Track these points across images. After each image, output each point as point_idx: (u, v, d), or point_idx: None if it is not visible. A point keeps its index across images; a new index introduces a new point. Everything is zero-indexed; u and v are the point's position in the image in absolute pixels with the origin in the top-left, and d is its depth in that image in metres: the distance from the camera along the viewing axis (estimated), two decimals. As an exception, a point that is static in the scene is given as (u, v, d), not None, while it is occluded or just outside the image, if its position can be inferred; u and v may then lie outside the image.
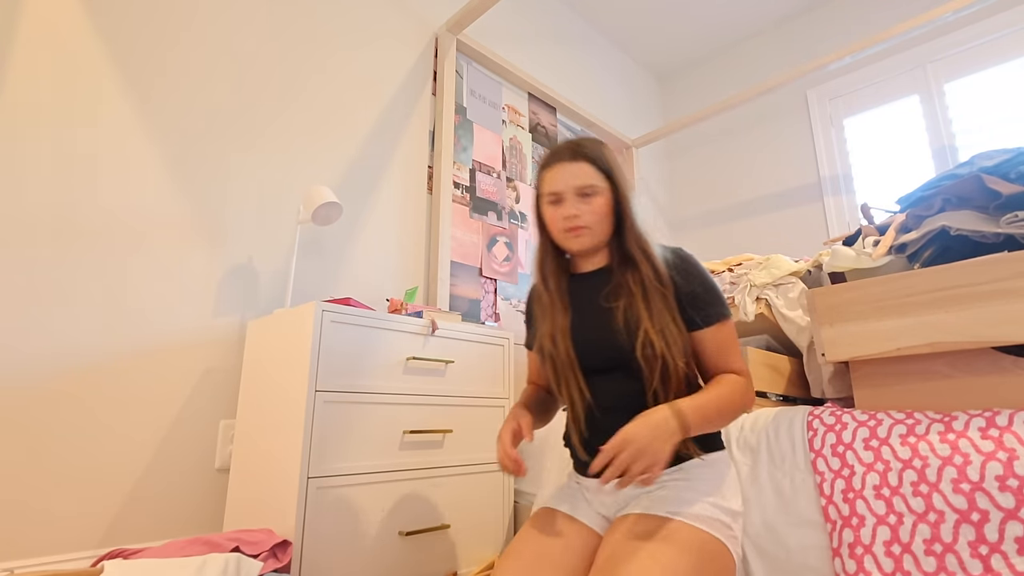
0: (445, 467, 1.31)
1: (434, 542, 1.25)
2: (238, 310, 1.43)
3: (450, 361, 1.36)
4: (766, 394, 1.36)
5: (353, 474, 1.14)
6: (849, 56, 2.30)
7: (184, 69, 1.44)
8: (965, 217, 1.08)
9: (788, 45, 2.98)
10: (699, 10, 2.95)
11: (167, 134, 1.38)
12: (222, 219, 1.45)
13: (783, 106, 2.94)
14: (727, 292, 1.53)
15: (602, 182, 0.96)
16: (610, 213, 0.97)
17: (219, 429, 1.35)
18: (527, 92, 2.49)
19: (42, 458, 1.12)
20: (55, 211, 1.20)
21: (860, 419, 1.06)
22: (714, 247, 3.06)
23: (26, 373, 1.13)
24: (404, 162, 1.92)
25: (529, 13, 2.60)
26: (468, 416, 1.38)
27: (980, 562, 0.83)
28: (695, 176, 3.26)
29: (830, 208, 2.67)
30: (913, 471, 0.93)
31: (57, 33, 1.25)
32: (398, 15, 2.00)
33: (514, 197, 2.30)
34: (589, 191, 0.95)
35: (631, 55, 3.27)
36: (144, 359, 1.27)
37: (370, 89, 1.86)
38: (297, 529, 1.03)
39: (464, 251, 2.04)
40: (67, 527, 1.13)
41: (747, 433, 1.20)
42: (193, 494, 1.30)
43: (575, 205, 0.95)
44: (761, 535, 1.11)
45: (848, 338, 1.11)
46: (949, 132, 2.37)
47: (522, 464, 0.91)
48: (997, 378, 0.99)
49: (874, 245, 1.24)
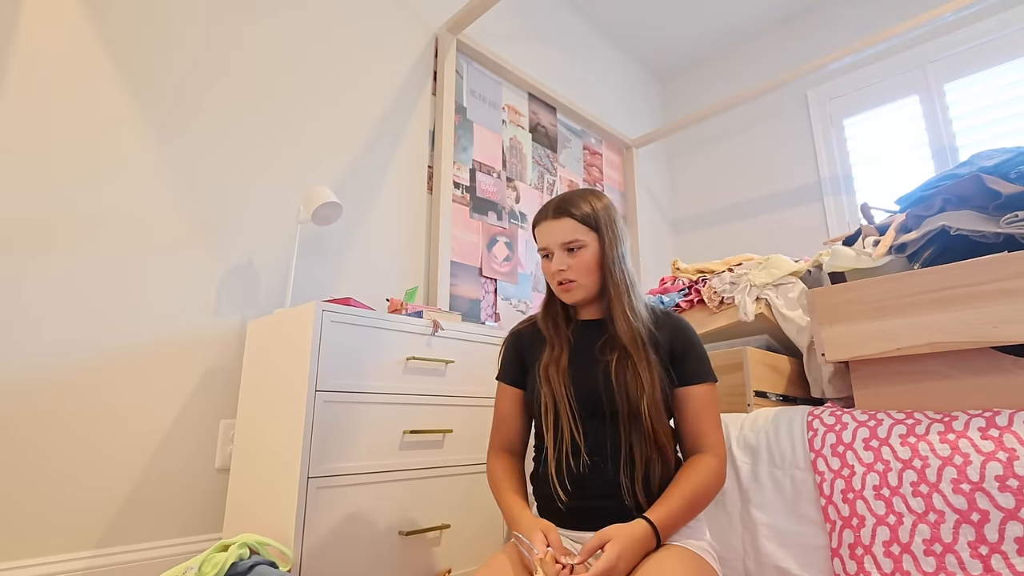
0: (445, 467, 1.31)
1: (434, 542, 1.25)
2: (238, 310, 1.43)
3: (450, 361, 1.36)
4: (766, 394, 1.36)
5: (353, 474, 1.14)
6: (849, 56, 2.30)
7: (185, 69, 1.44)
8: (965, 217, 1.08)
9: (788, 45, 2.98)
10: (699, 10, 2.95)
11: (167, 134, 1.38)
12: (222, 219, 1.45)
13: (783, 106, 2.94)
14: (727, 292, 1.53)
15: (587, 235, 0.99)
16: (600, 265, 1.00)
17: (219, 429, 1.35)
18: (527, 92, 2.49)
19: (41, 458, 1.12)
20: (55, 211, 1.20)
21: (860, 419, 1.06)
22: (714, 247, 3.07)
23: (26, 373, 1.13)
24: (404, 162, 1.92)
25: (529, 13, 2.60)
26: (468, 416, 1.38)
27: (980, 562, 0.83)
28: (695, 176, 3.26)
29: (830, 208, 2.67)
30: (913, 471, 0.93)
31: (58, 34, 1.25)
32: (398, 15, 2.00)
33: (514, 197, 2.30)
34: (574, 245, 0.99)
35: (631, 55, 3.27)
36: (144, 359, 1.27)
37: (370, 89, 1.86)
38: (297, 529, 1.03)
39: (464, 251, 2.04)
40: (67, 527, 1.13)
41: (747, 432, 1.20)
42: (193, 494, 1.30)
43: (562, 260, 1.00)
44: (761, 535, 1.11)
45: (848, 338, 1.11)
46: (949, 132, 2.37)
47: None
48: (997, 378, 0.99)
49: (874, 245, 1.24)
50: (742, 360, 1.33)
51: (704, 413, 0.97)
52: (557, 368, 0.99)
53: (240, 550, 0.94)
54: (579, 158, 2.72)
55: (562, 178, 2.58)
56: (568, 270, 0.99)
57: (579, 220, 0.99)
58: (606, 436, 0.95)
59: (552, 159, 2.55)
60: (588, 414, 0.97)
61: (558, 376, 0.98)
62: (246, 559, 0.94)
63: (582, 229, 0.99)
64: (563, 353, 1.01)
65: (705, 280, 1.62)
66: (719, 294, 1.55)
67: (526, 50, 2.53)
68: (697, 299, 1.61)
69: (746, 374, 1.32)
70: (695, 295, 1.62)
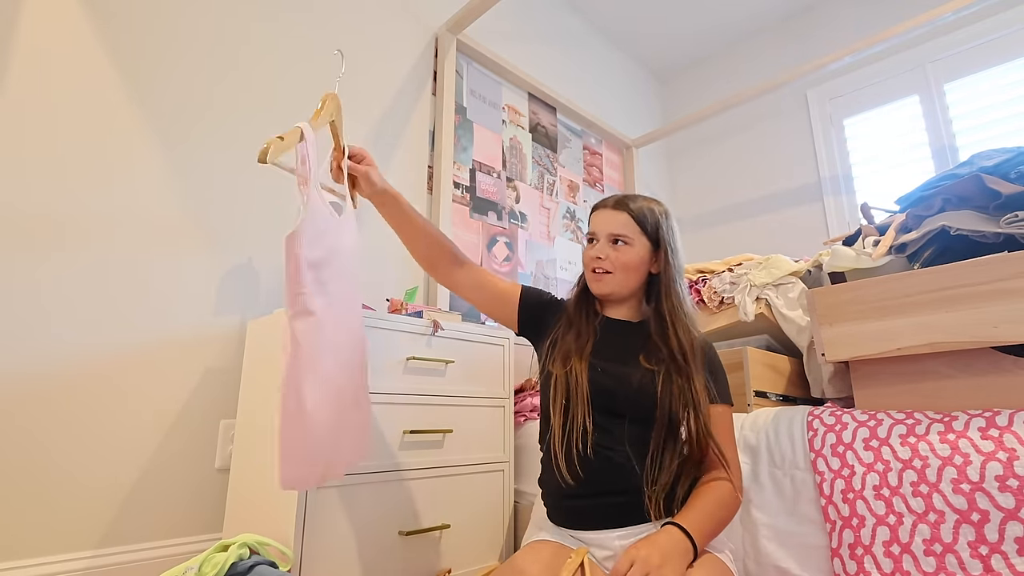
0: (445, 467, 1.31)
1: (434, 542, 1.25)
2: (238, 310, 1.43)
3: (450, 361, 1.36)
4: (766, 394, 1.36)
5: (353, 474, 1.14)
6: (849, 56, 2.30)
7: (185, 69, 1.44)
8: (965, 217, 1.08)
9: (788, 45, 2.98)
10: (699, 10, 2.95)
11: (168, 134, 1.38)
12: (222, 219, 1.45)
13: (783, 106, 2.94)
14: (727, 292, 1.53)
15: (638, 236, 1.02)
16: (639, 267, 1.02)
17: (219, 429, 1.35)
18: (527, 92, 2.49)
19: (41, 458, 1.12)
20: (55, 211, 1.20)
21: (860, 419, 1.06)
22: (714, 247, 3.06)
23: (26, 373, 1.13)
24: (404, 162, 1.92)
25: (529, 13, 2.60)
26: (468, 416, 1.38)
27: (980, 562, 0.83)
28: (695, 176, 3.26)
29: (830, 208, 2.67)
30: (913, 471, 0.93)
31: (58, 34, 1.25)
32: (398, 15, 2.00)
33: (514, 197, 2.30)
34: (621, 239, 1.02)
35: (631, 55, 3.27)
36: (144, 359, 1.27)
37: (370, 89, 1.86)
38: (297, 529, 1.03)
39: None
40: (67, 527, 1.13)
41: (747, 432, 1.20)
42: (193, 494, 1.30)
43: (604, 249, 1.02)
44: (761, 535, 1.11)
45: (848, 338, 1.11)
46: (949, 132, 2.36)
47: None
48: (997, 378, 0.99)
49: (874, 245, 1.24)
50: (742, 360, 1.33)
51: (722, 431, 0.98)
52: (581, 356, 0.98)
53: (240, 550, 0.94)
54: (579, 158, 2.72)
55: (562, 178, 2.58)
56: (606, 260, 1.02)
57: (637, 220, 1.02)
58: (623, 433, 0.95)
59: (552, 159, 2.55)
60: (605, 410, 0.96)
61: (580, 363, 0.97)
62: (246, 559, 0.94)
63: (634, 227, 1.02)
64: (589, 342, 1.01)
65: (705, 280, 1.62)
66: (719, 294, 1.55)
67: (526, 50, 2.53)
68: (697, 299, 1.61)
69: (746, 374, 1.32)
70: (695, 295, 1.62)
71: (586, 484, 0.93)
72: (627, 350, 1.01)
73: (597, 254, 1.02)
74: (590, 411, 0.95)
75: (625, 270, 1.01)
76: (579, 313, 1.06)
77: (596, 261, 1.02)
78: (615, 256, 1.01)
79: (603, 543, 0.93)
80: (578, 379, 0.96)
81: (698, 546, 0.84)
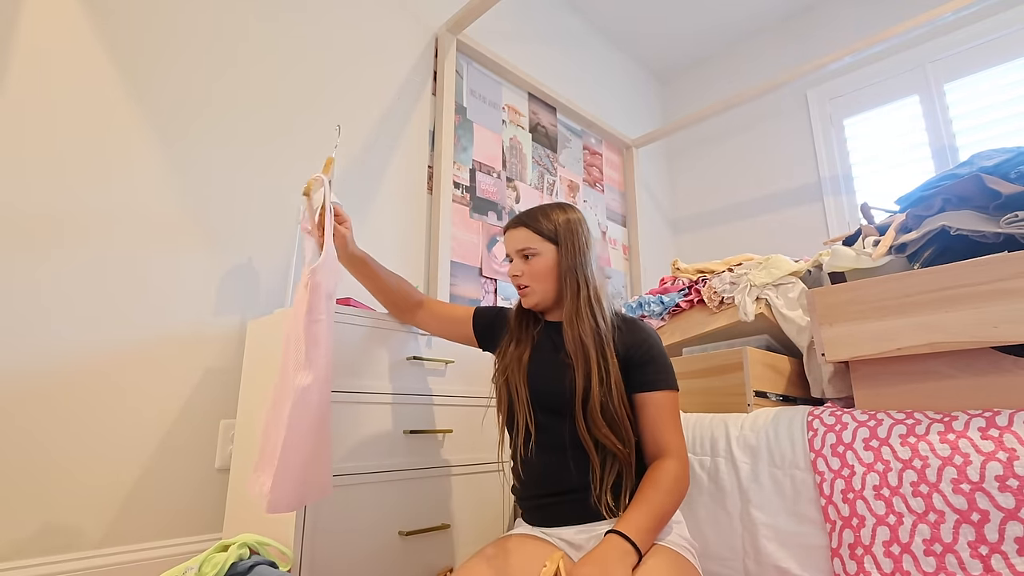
0: (445, 467, 1.31)
1: (434, 542, 1.25)
2: (238, 310, 1.43)
3: (450, 361, 1.36)
4: (766, 394, 1.36)
5: (353, 474, 1.14)
6: (849, 56, 2.30)
7: (184, 66, 1.44)
8: (965, 217, 1.08)
9: (788, 45, 2.98)
10: (699, 10, 2.95)
11: (166, 131, 1.38)
12: (222, 219, 1.45)
13: (783, 106, 2.94)
14: (727, 292, 1.53)
15: (542, 243, 1.07)
16: (552, 272, 1.06)
17: (219, 429, 1.35)
18: (527, 92, 2.49)
19: (41, 458, 1.12)
20: (54, 208, 1.20)
21: (860, 419, 1.06)
22: (714, 247, 3.07)
23: (25, 372, 1.13)
24: (404, 162, 1.92)
25: (529, 13, 2.60)
26: (468, 416, 1.38)
27: (980, 562, 0.83)
28: (695, 176, 3.26)
29: (830, 208, 2.67)
30: (913, 471, 0.93)
31: (57, 32, 1.25)
32: (398, 15, 2.00)
33: (514, 197, 2.30)
34: (528, 253, 1.07)
35: (631, 55, 3.27)
36: (144, 359, 1.27)
37: (370, 89, 1.86)
38: (297, 529, 1.03)
39: (464, 251, 2.04)
40: (67, 527, 1.13)
41: (747, 432, 1.20)
42: (193, 494, 1.30)
43: (518, 266, 1.09)
44: (761, 535, 1.11)
45: (848, 338, 1.11)
46: (949, 132, 2.36)
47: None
48: (997, 378, 0.99)
49: (874, 245, 1.24)
50: (742, 360, 1.33)
51: (663, 418, 0.99)
52: (518, 365, 1.05)
53: (240, 550, 0.94)
54: (579, 158, 2.72)
55: (562, 178, 2.58)
56: (522, 276, 1.08)
57: (534, 231, 1.07)
58: (564, 433, 0.99)
59: (552, 159, 2.55)
60: (545, 410, 1.02)
61: (517, 372, 1.05)
62: (246, 559, 0.94)
63: (537, 239, 1.07)
64: (526, 351, 1.07)
65: (705, 280, 1.62)
66: (719, 294, 1.55)
67: (526, 50, 2.53)
68: (697, 299, 1.61)
69: (746, 374, 1.32)
70: (695, 295, 1.62)
71: (536, 486, 1.01)
72: (557, 350, 1.05)
73: (513, 272, 1.09)
74: (531, 415, 1.01)
75: (540, 279, 1.06)
76: (520, 324, 1.13)
77: (515, 279, 1.09)
78: (528, 269, 1.07)
79: (566, 538, 0.98)
80: (517, 387, 1.03)
81: (641, 547, 0.86)
